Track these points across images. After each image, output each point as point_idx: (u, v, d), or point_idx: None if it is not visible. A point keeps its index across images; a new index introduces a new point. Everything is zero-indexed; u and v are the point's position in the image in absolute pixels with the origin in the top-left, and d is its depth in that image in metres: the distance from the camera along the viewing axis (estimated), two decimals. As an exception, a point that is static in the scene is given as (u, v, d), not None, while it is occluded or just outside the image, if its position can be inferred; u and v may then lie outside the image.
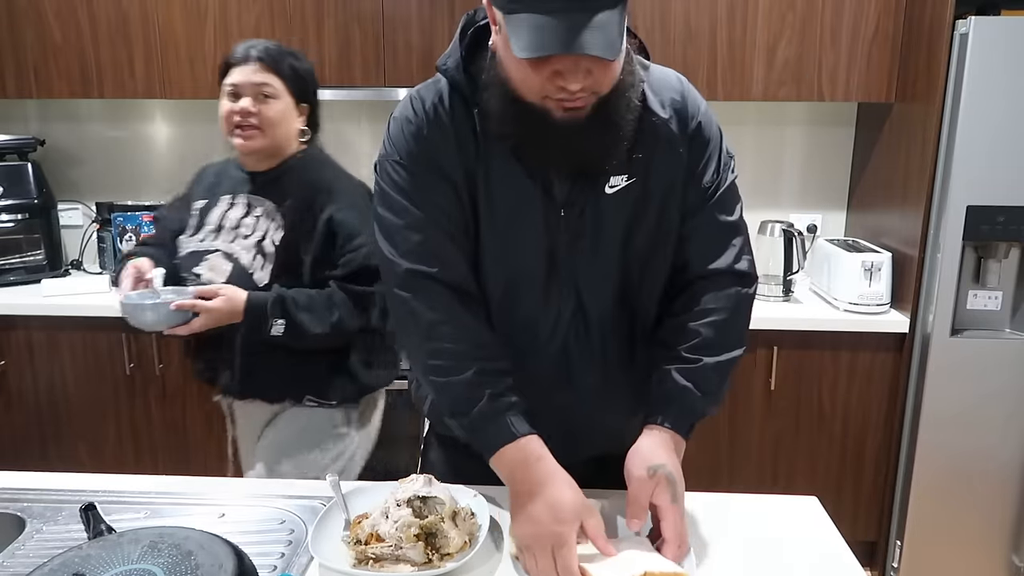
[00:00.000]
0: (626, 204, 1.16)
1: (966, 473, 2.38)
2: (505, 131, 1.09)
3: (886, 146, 2.59)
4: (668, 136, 1.17)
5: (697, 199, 1.20)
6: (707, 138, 1.20)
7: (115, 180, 3.02)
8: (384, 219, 1.18)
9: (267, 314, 1.63)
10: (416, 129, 1.16)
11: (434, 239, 1.15)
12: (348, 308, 1.68)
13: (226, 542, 0.93)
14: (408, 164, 1.16)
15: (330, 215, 1.68)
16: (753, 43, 2.46)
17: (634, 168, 1.15)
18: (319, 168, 1.76)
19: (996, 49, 2.13)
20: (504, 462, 1.10)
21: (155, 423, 2.59)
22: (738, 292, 1.22)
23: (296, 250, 1.69)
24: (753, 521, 1.21)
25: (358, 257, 1.68)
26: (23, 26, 2.56)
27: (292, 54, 1.76)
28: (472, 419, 1.11)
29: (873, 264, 2.41)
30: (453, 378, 1.13)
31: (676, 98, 1.18)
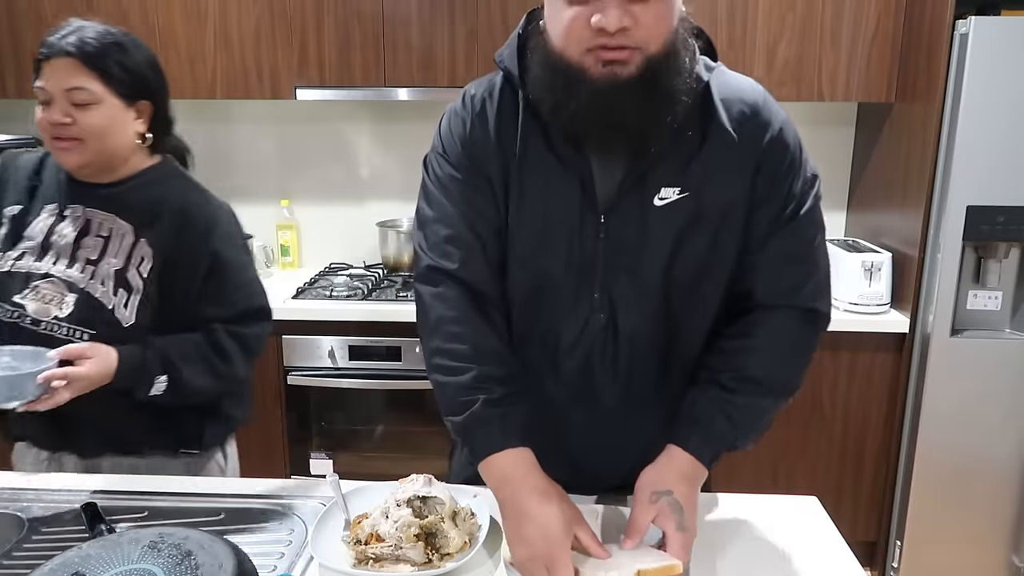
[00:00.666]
0: (675, 220, 1.08)
1: (966, 473, 2.38)
2: (543, 91, 1.05)
3: (886, 146, 2.59)
4: (733, 149, 1.08)
5: (768, 224, 1.11)
6: (783, 156, 1.11)
7: (115, 180, 3.02)
8: (420, 211, 1.19)
9: (146, 373, 1.34)
10: (461, 123, 1.15)
11: (460, 237, 1.13)
12: (238, 355, 1.43)
13: (226, 542, 0.93)
14: (450, 158, 1.16)
15: (216, 249, 1.40)
16: (753, 43, 2.46)
17: (689, 180, 1.08)
18: (185, 188, 1.46)
19: (996, 49, 2.13)
20: (491, 472, 1.06)
21: (155, 423, 2.59)
22: (802, 331, 1.13)
23: (172, 285, 1.38)
24: (753, 521, 1.21)
25: (246, 296, 1.45)
26: (23, 26, 2.56)
27: (118, 44, 1.41)
28: (464, 422, 1.08)
29: (873, 264, 2.41)
30: (451, 379, 1.10)
31: (746, 109, 1.10)
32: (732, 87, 1.12)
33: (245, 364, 1.46)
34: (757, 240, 1.12)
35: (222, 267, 1.41)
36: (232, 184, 3.02)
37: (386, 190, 2.99)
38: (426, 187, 1.18)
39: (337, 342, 2.49)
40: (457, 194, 1.14)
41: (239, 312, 1.44)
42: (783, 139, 1.12)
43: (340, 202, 3.02)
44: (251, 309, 1.45)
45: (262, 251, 2.97)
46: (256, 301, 1.47)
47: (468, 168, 1.14)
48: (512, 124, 1.11)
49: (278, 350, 2.50)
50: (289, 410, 2.57)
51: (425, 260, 1.15)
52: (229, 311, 1.43)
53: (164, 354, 1.36)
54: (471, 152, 1.13)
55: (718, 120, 1.08)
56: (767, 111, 1.11)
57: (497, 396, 1.07)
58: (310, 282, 2.73)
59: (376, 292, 2.61)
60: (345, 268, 2.95)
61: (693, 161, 1.08)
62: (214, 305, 1.42)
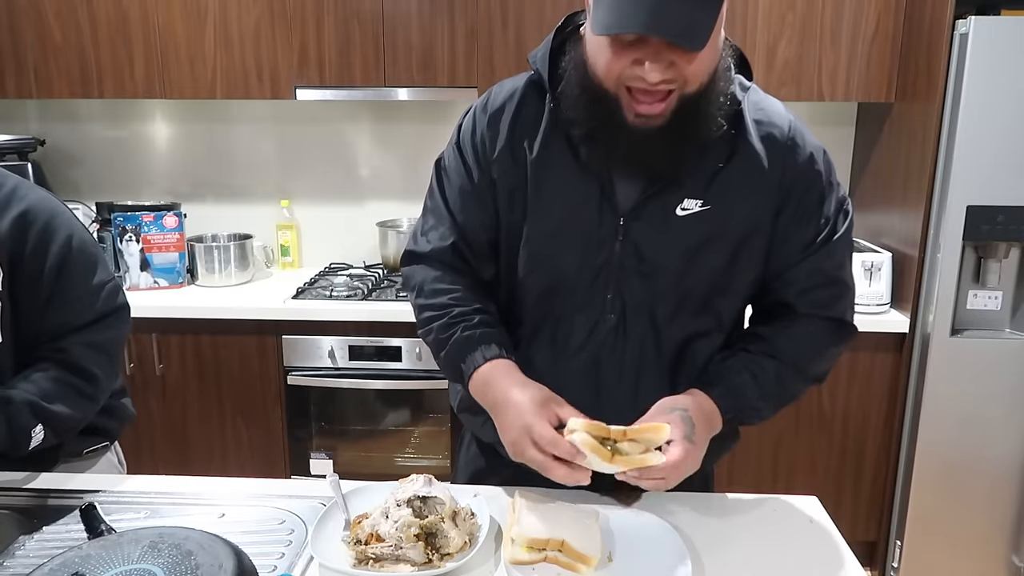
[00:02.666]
0: (695, 232, 1.10)
1: (966, 473, 2.38)
2: (576, 116, 1.05)
3: (886, 146, 2.59)
4: (760, 171, 1.09)
5: (802, 249, 1.14)
6: (815, 182, 1.12)
7: (115, 180, 3.02)
8: (427, 197, 1.25)
9: (19, 429, 1.23)
10: (475, 120, 1.18)
11: (451, 230, 1.19)
12: (102, 365, 1.32)
13: (226, 542, 0.92)
14: (460, 153, 1.19)
15: (62, 251, 1.28)
16: (753, 43, 2.46)
17: (713, 195, 1.09)
18: (19, 190, 1.30)
19: (996, 49, 2.13)
20: (477, 385, 1.13)
21: (155, 423, 2.59)
22: (830, 335, 1.17)
23: (19, 295, 1.26)
24: (753, 521, 1.20)
25: (99, 299, 1.33)
26: (23, 26, 2.56)
27: None
28: (448, 352, 1.15)
29: (873, 264, 2.41)
30: (436, 323, 1.18)
31: (777, 132, 1.11)
32: (765, 110, 1.13)
33: (112, 371, 1.37)
34: (790, 262, 1.15)
35: (70, 270, 1.30)
36: (232, 184, 3.02)
37: (386, 190, 2.99)
38: (436, 176, 1.24)
39: (337, 342, 2.49)
40: (458, 189, 1.19)
41: (93, 316, 1.32)
42: (814, 165, 1.13)
43: (340, 202, 3.02)
44: (105, 311, 1.34)
45: (262, 251, 2.98)
46: (110, 303, 1.35)
47: (474, 166, 1.17)
48: (531, 125, 1.12)
49: (278, 350, 2.50)
50: (289, 410, 2.57)
51: (411, 245, 1.24)
52: (82, 317, 1.31)
53: (27, 401, 1.23)
54: (480, 151, 1.16)
55: (748, 140, 1.09)
56: (798, 136, 1.13)
57: (475, 322, 1.16)
58: (310, 282, 2.73)
59: (376, 292, 2.61)
60: (345, 268, 2.95)
61: (719, 176, 1.09)
62: (63, 311, 1.30)
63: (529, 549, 1.04)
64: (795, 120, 1.14)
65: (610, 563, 1.06)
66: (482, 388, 1.12)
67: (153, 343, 2.51)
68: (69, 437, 1.36)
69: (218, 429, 2.60)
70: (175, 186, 3.03)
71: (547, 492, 1.18)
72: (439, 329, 1.18)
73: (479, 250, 1.21)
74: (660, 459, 1.01)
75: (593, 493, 1.23)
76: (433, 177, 1.25)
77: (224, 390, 2.56)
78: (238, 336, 2.50)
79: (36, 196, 1.31)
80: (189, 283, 2.75)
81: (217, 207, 3.03)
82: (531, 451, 1.02)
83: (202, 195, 3.03)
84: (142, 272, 2.65)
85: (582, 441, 1.00)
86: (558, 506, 1.10)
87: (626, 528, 1.12)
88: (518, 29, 2.47)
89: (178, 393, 2.57)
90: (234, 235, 2.88)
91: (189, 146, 2.99)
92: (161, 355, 2.53)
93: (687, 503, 1.23)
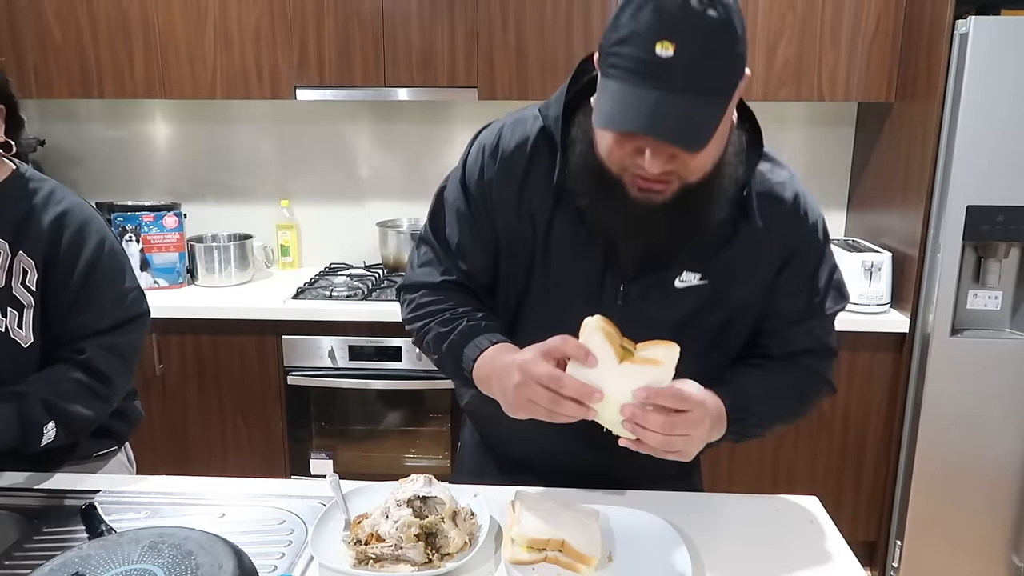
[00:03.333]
0: (692, 302, 1.12)
1: (966, 473, 2.38)
2: (580, 188, 1.06)
3: (886, 146, 2.59)
4: (762, 246, 1.11)
5: (793, 316, 1.16)
6: (813, 255, 1.15)
7: (115, 180, 3.02)
8: (426, 225, 1.25)
9: (32, 424, 1.24)
10: (487, 162, 1.16)
11: (436, 263, 1.21)
12: (118, 369, 1.34)
13: (226, 542, 0.93)
14: (467, 188, 1.18)
15: (91, 255, 1.32)
16: (753, 43, 2.46)
17: (712, 270, 1.11)
18: (54, 194, 1.34)
19: (996, 49, 2.13)
20: (481, 370, 1.10)
21: (155, 423, 2.59)
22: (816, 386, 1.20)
23: (48, 295, 1.30)
24: (753, 521, 1.21)
25: (122, 305, 1.36)
26: (23, 26, 2.56)
27: None
28: (451, 346, 1.14)
29: (873, 264, 2.41)
30: (433, 321, 1.18)
31: (782, 207, 1.11)
32: (770, 182, 1.13)
33: (127, 375, 1.38)
34: (781, 322, 1.17)
35: (98, 274, 1.33)
36: (232, 184, 3.02)
37: (386, 190, 2.99)
38: (438, 204, 1.23)
39: (337, 342, 2.49)
40: (458, 227, 1.19)
41: (114, 322, 1.34)
42: (816, 237, 1.15)
43: (340, 202, 3.02)
44: (127, 318, 1.35)
45: (262, 251, 2.98)
46: (132, 310, 1.36)
47: (479, 209, 1.17)
48: (542, 181, 1.11)
49: (278, 350, 2.50)
50: (289, 410, 2.57)
51: (406, 277, 1.26)
52: (104, 321, 1.33)
53: (42, 398, 1.25)
54: (488, 196, 1.16)
55: (752, 218, 1.09)
56: (803, 209, 1.13)
57: (479, 316, 1.16)
58: (310, 282, 2.73)
59: (376, 292, 2.61)
60: (345, 268, 2.95)
61: (720, 252, 1.10)
62: (87, 313, 1.32)
63: (529, 549, 1.04)
64: (801, 191, 1.15)
65: (610, 563, 1.06)
66: (488, 368, 1.09)
67: (153, 343, 2.51)
68: (82, 437, 1.37)
69: (218, 429, 2.60)
70: (175, 186, 3.03)
71: (547, 492, 1.18)
72: (440, 324, 1.18)
73: (475, 284, 1.22)
74: (669, 372, 0.98)
75: (593, 493, 1.23)
76: (432, 207, 1.24)
77: (224, 390, 2.56)
78: (238, 336, 2.50)
79: (72, 200, 1.36)
80: (189, 283, 2.75)
81: (217, 207, 3.03)
82: (534, 388, 0.97)
83: (202, 195, 3.03)
84: (142, 272, 2.65)
85: (595, 326, 0.97)
86: (558, 506, 1.10)
87: (626, 528, 1.12)
88: (518, 29, 2.47)
89: (178, 393, 2.57)
90: (234, 235, 2.88)
91: (189, 146, 2.99)
92: (161, 355, 2.53)
93: (687, 503, 1.23)
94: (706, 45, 0.89)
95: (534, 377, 0.97)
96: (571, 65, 1.13)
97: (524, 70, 2.50)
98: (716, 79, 0.92)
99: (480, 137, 1.20)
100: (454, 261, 1.21)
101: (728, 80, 0.93)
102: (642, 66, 0.89)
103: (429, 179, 2.96)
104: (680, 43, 0.88)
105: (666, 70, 0.88)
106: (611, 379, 0.97)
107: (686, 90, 0.89)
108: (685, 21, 0.88)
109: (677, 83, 0.89)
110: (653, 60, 0.88)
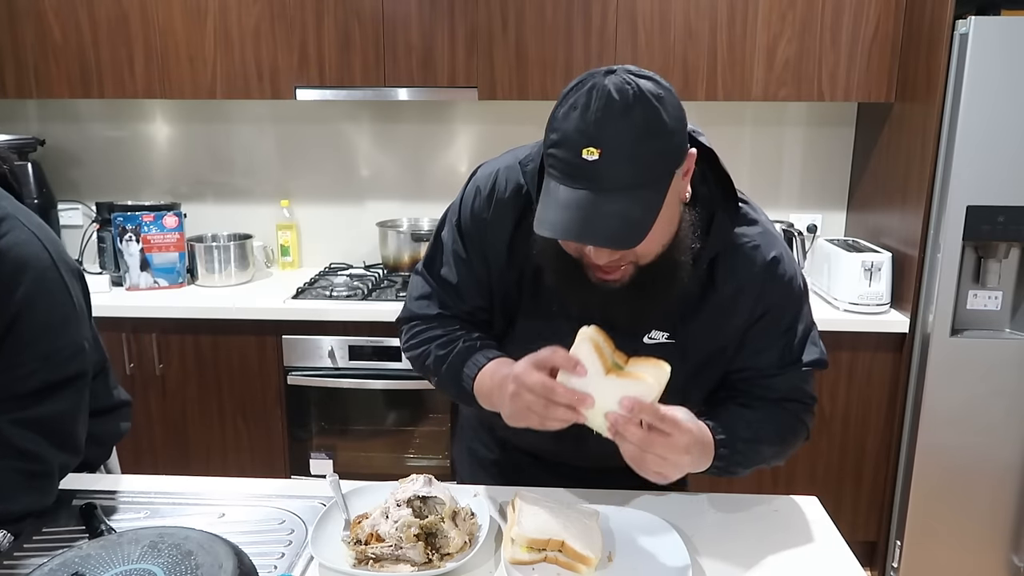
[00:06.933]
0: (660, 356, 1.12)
1: (966, 473, 2.38)
2: (546, 266, 1.09)
3: (886, 146, 2.59)
4: (729, 306, 1.13)
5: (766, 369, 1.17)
6: (787, 311, 1.15)
7: (115, 180, 3.02)
8: (424, 259, 1.27)
9: None
10: (484, 206, 1.18)
11: (434, 298, 1.24)
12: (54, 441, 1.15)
13: (226, 542, 0.93)
14: (462, 229, 1.21)
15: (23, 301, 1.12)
16: (753, 43, 2.46)
17: (680, 332, 1.13)
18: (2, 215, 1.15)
19: (996, 49, 2.13)
20: (483, 385, 1.13)
21: (155, 423, 2.59)
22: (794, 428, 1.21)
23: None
24: (753, 521, 1.21)
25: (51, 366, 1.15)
26: (23, 26, 2.56)
27: None
28: (451, 366, 1.16)
29: (873, 264, 2.41)
30: (432, 345, 1.20)
31: (754, 272, 1.12)
32: (743, 246, 1.13)
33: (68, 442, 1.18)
34: (756, 374, 1.18)
35: (19, 331, 1.12)
36: (232, 184, 3.02)
37: (386, 190, 2.99)
38: (435, 244, 1.25)
39: (337, 342, 2.49)
40: (455, 270, 1.22)
41: (36, 386, 1.13)
42: (791, 295, 1.16)
43: (340, 202, 3.02)
44: (53, 381, 1.15)
45: (262, 251, 2.98)
46: (64, 370, 1.16)
47: (472, 247, 1.20)
48: (525, 235, 1.12)
49: (278, 350, 2.50)
50: (289, 410, 2.57)
51: (407, 308, 1.28)
52: (22, 386, 1.12)
53: None
54: (484, 236, 1.19)
55: (719, 285, 1.11)
56: (779, 269, 1.13)
57: (475, 336, 1.20)
58: (310, 282, 2.73)
59: (376, 292, 2.61)
60: (345, 268, 2.95)
61: (688, 315, 1.12)
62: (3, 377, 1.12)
63: (529, 549, 1.04)
64: (777, 250, 1.14)
65: (610, 563, 1.06)
66: (488, 382, 1.12)
67: (153, 343, 2.52)
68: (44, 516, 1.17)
69: (218, 429, 2.60)
70: (175, 186, 3.03)
71: (547, 492, 1.18)
72: (438, 347, 1.21)
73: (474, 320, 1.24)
74: (654, 390, 0.98)
75: (593, 493, 1.23)
76: (430, 246, 1.27)
77: (224, 390, 2.56)
78: (238, 336, 2.51)
79: (15, 237, 1.14)
80: (189, 283, 2.75)
81: (217, 207, 3.03)
82: (527, 396, 0.99)
83: (202, 195, 3.03)
84: (142, 272, 2.65)
85: (586, 337, 0.99)
86: (558, 506, 1.10)
87: (626, 528, 1.12)
88: (518, 29, 2.47)
89: (178, 393, 2.57)
90: (234, 235, 2.88)
91: (189, 146, 2.99)
92: (161, 355, 2.53)
93: (687, 503, 1.23)
94: (630, 147, 0.91)
95: (527, 386, 0.99)
96: (571, 65, 1.14)
97: (524, 70, 2.50)
98: (646, 175, 0.94)
99: (476, 178, 1.22)
100: (452, 298, 1.23)
101: (660, 172, 0.95)
102: (573, 169, 0.93)
103: (429, 179, 2.97)
104: (605, 148, 0.91)
105: (595, 172, 0.91)
106: (598, 389, 0.99)
107: (616, 189, 0.92)
108: (608, 126, 0.90)
109: (606, 183, 0.92)
110: (581, 164, 0.92)
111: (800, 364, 1.18)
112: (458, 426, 1.54)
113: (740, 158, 2.85)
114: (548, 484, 1.24)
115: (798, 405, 1.21)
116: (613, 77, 0.93)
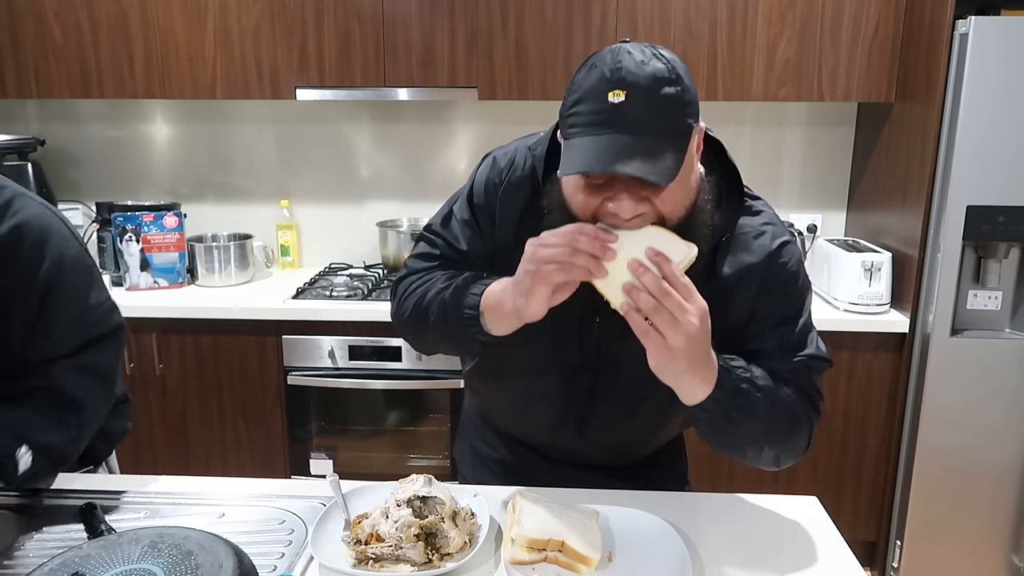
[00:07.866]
0: None
1: (966, 473, 2.38)
2: None
3: (886, 146, 2.59)
4: (732, 294, 1.12)
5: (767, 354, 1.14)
6: (789, 302, 1.15)
7: (115, 180, 3.02)
8: (427, 227, 1.28)
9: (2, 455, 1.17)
10: (498, 175, 1.20)
11: (440, 249, 1.24)
12: (92, 390, 1.26)
13: (226, 542, 0.93)
14: (473, 201, 1.22)
15: (57, 265, 1.21)
16: (753, 43, 2.46)
17: None
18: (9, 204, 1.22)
19: (996, 49, 2.13)
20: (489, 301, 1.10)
21: (155, 423, 2.59)
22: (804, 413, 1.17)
23: (17, 321, 1.20)
24: (753, 521, 1.21)
25: (87, 326, 1.26)
26: (23, 26, 2.56)
27: None
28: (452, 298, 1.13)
29: (873, 264, 2.41)
30: (431, 291, 1.18)
31: (755, 260, 1.12)
32: (745, 234, 1.13)
33: (104, 396, 1.29)
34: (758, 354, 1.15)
35: (59, 292, 1.23)
36: (232, 184, 3.02)
37: (386, 190, 2.99)
38: (447, 213, 1.26)
39: (337, 342, 2.49)
40: (461, 232, 1.23)
41: (81, 342, 1.25)
42: (794, 286, 1.15)
43: (340, 202, 3.02)
44: (95, 336, 1.27)
45: (262, 251, 2.98)
46: (101, 326, 1.28)
47: (483, 216, 1.21)
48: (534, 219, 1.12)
49: (278, 350, 2.50)
50: (289, 410, 2.57)
51: (406, 267, 1.28)
52: (68, 344, 1.24)
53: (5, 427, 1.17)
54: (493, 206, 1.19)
55: (722, 272, 1.12)
56: (778, 259, 1.14)
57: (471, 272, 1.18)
58: (310, 282, 2.73)
59: (376, 292, 2.61)
60: (345, 268, 2.95)
61: None
62: (49, 338, 1.22)
63: (529, 549, 1.04)
64: (780, 242, 1.14)
65: (610, 563, 1.06)
66: (499, 286, 1.09)
67: (153, 343, 2.51)
68: (65, 466, 1.30)
69: (218, 429, 2.60)
70: (175, 186, 3.03)
71: (547, 492, 1.18)
72: (441, 281, 1.19)
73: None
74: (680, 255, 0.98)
75: (593, 493, 1.23)
76: (441, 213, 1.28)
77: (224, 390, 2.56)
78: (238, 336, 2.51)
79: (31, 211, 1.23)
80: (189, 283, 2.75)
81: (217, 207, 3.03)
82: (548, 250, 0.98)
83: (202, 195, 3.03)
84: (142, 272, 2.65)
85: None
86: (558, 506, 1.10)
87: (626, 528, 1.12)
88: (518, 29, 2.47)
89: (178, 393, 2.57)
90: (234, 235, 2.88)
91: (189, 146, 2.99)
92: (161, 355, 2.53)
93: (687, 503, 1.24)
94: (654, 89, 0.94)
95: (554, 235, 0.99)
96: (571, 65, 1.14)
97: (524, 70, 2.50)
98: (669, 120, 0.96)
99: (494, 152, 1.24)
100: (456, 262, 1.23)
101: (681, 122, 0.97)
102: (599, 116, 0.94)
103: (429, 179, 2.97)
104: (630, 90, 0.93)
105: (621, 114, 0.94)
106: (621, 248, 0.98)
107: (643, 131, 0.94)
108: (632, 71, 0.94)
109: (634, 124, 0.94)
110: (608, 108, 0.94)
111: (803, 352, 1.15)
112: (460, 424, 1.54)
113: (740, 158, 2.81)
114: (550, 481, 1.24)
115: (802, 395, 1.16)
116: (627, 44, 0.98)
